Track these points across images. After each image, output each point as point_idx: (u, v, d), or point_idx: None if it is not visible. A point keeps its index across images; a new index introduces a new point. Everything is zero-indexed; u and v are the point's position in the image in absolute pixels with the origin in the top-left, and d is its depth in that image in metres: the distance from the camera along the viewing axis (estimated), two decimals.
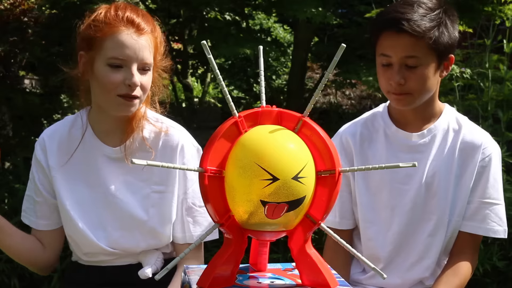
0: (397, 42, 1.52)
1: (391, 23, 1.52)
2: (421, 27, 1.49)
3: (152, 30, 1.50)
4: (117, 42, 1.45)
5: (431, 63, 1.54)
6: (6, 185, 3.13)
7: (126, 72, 1.44)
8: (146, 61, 1.46)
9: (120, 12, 1.47)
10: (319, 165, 1.05)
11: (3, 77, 3.71)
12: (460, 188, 1.61)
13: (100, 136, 1.56)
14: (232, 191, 1.01)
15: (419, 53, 1.51)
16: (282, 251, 2.76)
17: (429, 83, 1.55)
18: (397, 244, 1.64)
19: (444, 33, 1.53)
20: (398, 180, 1.62)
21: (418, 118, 1.63)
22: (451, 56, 1.59)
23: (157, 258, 1.56)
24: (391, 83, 1.54)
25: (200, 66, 5.65)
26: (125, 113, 1.50)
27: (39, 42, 3.64)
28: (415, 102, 1.57)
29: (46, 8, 3.74)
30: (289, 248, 1.08)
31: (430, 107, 1.63)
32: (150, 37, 1.48)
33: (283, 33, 7.07)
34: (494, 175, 1.62)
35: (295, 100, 4.36)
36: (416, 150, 1.62)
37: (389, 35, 1.53)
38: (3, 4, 3.53)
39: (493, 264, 2.77)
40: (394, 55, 1.53)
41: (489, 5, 3.92)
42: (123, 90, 1.45)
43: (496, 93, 4.00)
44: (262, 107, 1.07)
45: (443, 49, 1.54)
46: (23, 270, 2.81)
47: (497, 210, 1.62)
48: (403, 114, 1.64)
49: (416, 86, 1.54)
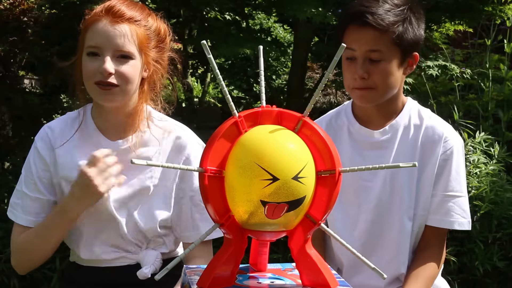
0: (361, 36, 1.54)
1: (355, 17, 1.54)
2: (385, 21, 1.51)
3: (138, 20, 1.49)
4: (93, 31, 1.47)
5: (395, 58, 1.55)
6: (6, 185, 3.12)
7: (101, 60, 1.45)
8: (122, 49, 1.46)
9: (106, 4, 1.48)
10: (319, 165, 1.04)
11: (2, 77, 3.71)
12: (422, 182, 1.61)
13: (102, 132, 1.56)
14: (232, 191, 1.01)
15: (382, 47, 1.53)
16: (282, 251, 2.76)
17: (392, 79, 1.56)
18: (366, 241, 1.63)
19: (408, 29, 1.55)
20: (363, 177, 1.62)
21: (381, 115, 1.64)
22: (416, 54, 1.60)
23: (155, 258, 1.55)
24: (355, 77, 1.55)
25: (200, 66, 5.65)
26: (106, 103, 1.49)
27: (38, 42, 3.64)
28: (378, 98, 1.58)
29: (46, 8, 3.74)
30: (289, 248, 1.08)
31: (392, 104, 1.64)
32: (131, 26, 1.47)
33: (283, 33, 7.07)
34: (456, 168, 1.62)
35: (295, 100, 4.36)
36: (379, 147, 1.63)
37: (354, 28, 1.55)
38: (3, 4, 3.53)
39: (493, 264, 2.77)
40: (358, 48, 1.54)
41: (489, 5, 3.92)
42: (98, 78, 1.46)
43: (497, 93, 4.00)
44: (262, 107, 1.07)
45: (406, 45, 1.55)
46: None
47: (461, 202, 1.62)
48: (365, 111, 1.65)
49: (379, 81, 1.55)
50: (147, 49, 1.51)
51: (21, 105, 3.79)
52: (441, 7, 3.82)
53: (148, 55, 1.52)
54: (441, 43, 4.54)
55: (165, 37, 1.57)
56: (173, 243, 1.62)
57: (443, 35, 4.49)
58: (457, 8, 3.86)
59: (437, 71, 3.84)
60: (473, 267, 2.77)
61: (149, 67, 1.53)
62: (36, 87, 4.47)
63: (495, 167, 3.04)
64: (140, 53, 1.50)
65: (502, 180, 3.02)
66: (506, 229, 2.84)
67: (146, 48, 1.51)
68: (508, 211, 2.83)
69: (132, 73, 1.48)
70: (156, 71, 1.56)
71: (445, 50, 4.48)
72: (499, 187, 2.92)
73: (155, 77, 1.57)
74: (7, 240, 2.81)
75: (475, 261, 2.76)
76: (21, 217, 1.57)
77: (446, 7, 3.83)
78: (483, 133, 3.27)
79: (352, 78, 1.56)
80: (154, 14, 1.56)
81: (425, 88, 3.90)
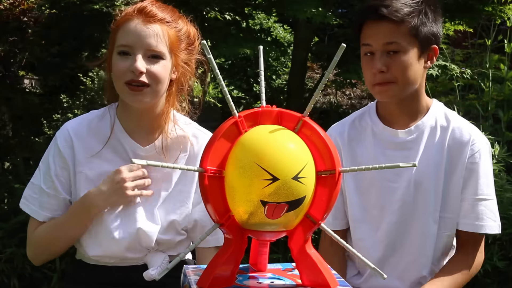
0: (377, 30, 1.55)
1: (371, 11, 1.55)
2: (400, 12, 1.52)
3: (170, 21, 1.49)
4: (125, 30, 1.47)
5: (413, 50, 1.55)
6: (6, 185, 3.13)
7: (132, 59, 1.45)
8: (153, 48, 1.46)
9: (138, 5, 1.49)
10: (319, 165, 1.04)
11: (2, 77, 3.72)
12: (450, 185, 1.61)
13: (128, 133, 1.56)
14: (232, 191, 1.01)
15: (399, 39, 1.53)
16: (282, 251, 2.76)
17: (412, 71, 1.56)
18: (389, 243, 1.63)
19: (424, 21, 1.55)
20: (387, 178, 1.62)
21: (404, 114, 1.63)
22: (435, 47, 1.60)
23: (163, 260, 1.55)
24: (374, 72, 1.55)
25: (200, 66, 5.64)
26: (135, 103, 1.49)
27: (38, 42, 3.64)
28: (399, 92, 1.57)
29: (46, 8, 3.74)
30: (289, 248, 1.08)
31: (415, 102, 1.63)
32: (163, 27, 1.48)
33: (283, 33, 7.06)
34: (485, 170, 1.62)
35: (295, 100, 4.36)
36: (404, 147, 1.62)
37: (370, 24, 1.56)
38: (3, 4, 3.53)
39: (494, 264, 2.77)
40: (375, 43, 1.55)
41: (489, 5, 3.92)
42: (128, 77, 1.46)
43: (497, 93, 4.00)
44: (262, 107, 1.07)
45: (424, 37, 1.56)
46: (23, 270, 2.81)
47: (491, 205, 1.63)
48: (389, 110, 1.65)
49: (399, 73, 1.54)
50: (177, 51, 1.51)
51: (21, 105, 3.80)
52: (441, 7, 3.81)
53: (178, 56, 1.52)
54: (441, 43, 4.54)
55: (194, 40, 1.58)
56: (185, 247, 1.62)
57: (443, 35, 4.48)
58: (457, 8, 3.86)
59: (437, 71, 3.84)
60: None
61: (178, 69, 1.53)
62: (36, 87, 4.48)
63: (495, 167, 3.04)
64: (171, 54, 1.50)
65: (502, 180, 3.02)
66: (506, 229, 2.84)
67: (176, 50, 1.51)
68: (508, 211, 2.83)
69: (163, 73, 1.48)
70: (184, 73, 1.56)
71: (445, 50, 4.48)
72: (499, 187, 2.92)
73: (183, 80, 1.56)
74: (7, 240, 2.82)
75: None
76: (38, 213, 1.57)
77: (446, 7, 3.83)
78: (483, 133, 3.27)
79: (372, 74, 1.56)
80: (184, 17, 1.57)
81: (425, 88, 3.90)
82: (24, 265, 2.78)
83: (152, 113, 1.54)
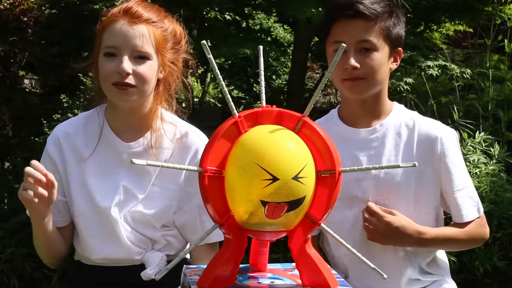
0: (351, 27, 1.56)
1: (345, 8, 1.56)
2: (375, 10, 1.55)
3: (155, 21, 1.49)
4: (111, 31, 1.48)
5: (384, 50, 1.58)
6: (6, 185, 3.12)
7: (118, 60, 1.45)
8: (140, 49, 1.46)
9: (123, 6, 1.48)
10: (319, 165, 1.04)
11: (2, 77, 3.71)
12: (422, 184, 1.60)
13: (116, 133, 1.56)
14: (232, 191, 1.01)
15: (373, 38, 1.55)
16: (282, 251, 2.76)
17: (382, 70, 1.58)
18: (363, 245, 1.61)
19: (395, 23, 1.59)
20: (355, 177, 1.60)
21: (368, 115, 1.64)
22: (400, 49, 1.64)
23: (160, 259, 1.55)
24: (346, 68, 1.56)
25: (200, 66, 5.64)
26: (122, 103, 1.49)
27: (38, 42, 3.64)
28: (368, 88, 1.59)
29: (46, 8, 3.74)
30: (289, 248, 1.08)
31: (379, 102, 1.64)
32: (149, 27, 1.48)
33: (283, 33, 7.06)
34: (457, 163, 1.63)
35: (295, 100, 4.36)
36: (369, 147, 1.62)
37: (343, 21, 1.57)
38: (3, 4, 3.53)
39: (494, 264, 2.77)
40: (349, 40, 1.55)
41: (489, 5, 3.92)
42: (115, 78, 1.46)
43: (497, 93, 4.00)
44: (262, 107, 1.07)
45: (394, 38, 1.59)
46: (23, 270, 2.81)
47: (468, 193, 1.63)
48: (353, 111, 1.65)
49: (370, 71, 1.56)
50: (163, 50, 1.51)
51: (21, 105, 3.79)
52: (441, 7, 3.82)
53: (165, 56, 1.52)
54: (441, 43, 4.54)
55: (181, 39, 1.58)
56: (180, 244, 1.62)
57: (443, 35, 4.48)
58: (457, 8, 3.86)
59: (437, 71, 3.83)
60: (473, 267, 2.77)
61: (165, 68, 1.54)
62: (36, 87, 4.48)
63: (495, 167, 3.04)
64: (157, 54, 1.50)
65: (502, 180, 3.02)
66: (506, 229, 2.84)
67: (163, 49, 1.51)
68: (508, 211, 2.83)
69: (149, 74, 1.48)
70: (171, 73, 1.56)
71: (445, 50, 4.48)
72: (499, 187, 2.92)
73: (171, 79, 1.57)
74: (7, 240, 2.82)
75: (475, 261, 2.76)
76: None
77: (446, 7, 3.83)
78: (483, 133, 3.27)
79: (342, 70, 1.57)
80: (170, 16, 1.57)
81: (425, 88, 3.90)
82: (24, 265, 2.78)
83: (139, 112, 1.54)
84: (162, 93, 1.56)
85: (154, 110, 1.55)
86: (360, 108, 1.64)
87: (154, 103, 1.55)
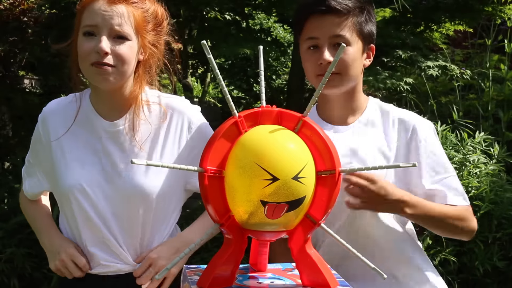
0: (324, 23, 1.56)
1: (317, 4, 1.57)
2: (347, 5, 1.56)
3: (135, 2, 1.48)
4: (90, 11, 1.46)
5: (357, 44, 1.58)
6: (6, 185, 3.13)
7: (97, 40, 1.45)
8: (118, 29, 1.45)
9: None
10: (319, 165, 1.04)
11: (2, 77, 3.72)
12: (401, 175, 1.59)
13: (100, 114, 1.56)
14: (232, 191, 1.01)
15: (346, 33, 1.56)
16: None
17: (356, 65, 1.59)
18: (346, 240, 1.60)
19: (367, 19, 1.60)
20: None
21: (344, 111, 1.64)
22: (373, 46, 1.64)
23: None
24: (321, 63, 1.56)
25: (200, 66, 5.65)
26: (101, 83, 1.48)
27: (38, 42, 3.64)
28: (342, 84, 1.59)
29: (46, 8, 3.74)
30: (289, 248, 1.08)
31: (354, 98, 1.65)
32: (129, 7, 1.46)
33: (283, 33, 7.07)
34: (433, 151, 1.61)
35: (295, 100, 4.36)
36: (346, 143, 1.61)
37: (316, 17, 1.57)
38: (3, 4, 3.53)
39: (493, 264, 2.77)
40: (322, 36, 1.56)
41: (489, 5, 3.92)
42: (93, 58, 1.45)
43: (497, 93, 4.00)
44: (262, 107, 1.07)
45: (366, 34, 1.59)
46: (23, 270, 2.81)
47: (449, 182, 1.61)
48: (329, 109, 1.65)
49: (344, 65, 1.56)
50: (144, 32, 1.50)
51: (21, 105, 3.80)
52: (441, 7, 3.82)
53: (145, 37, 1.50)
54: (441, 43, 4.54)
55: (162, 20, 1.56)
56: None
57: (443, 35, 4.49)
58: (457, 8, 3.86)
59: (437, 71, 3.84)
60: (473, 267, 2.78)
61: (145, 50, 1.52)
62: (36, 87, 4.48)
63: (495, 167, 3.04)
64: (137, 35, 1.48)
65: (502, 180, 3.02)
66: (506, 229, 2.84)
67: (143, 31, 1.49)
68: (508, 211, 2.84)
69: (128, 54, 1.47)
70: (152, 55, 1.54)
71: (445, 50, 4.48)
72: (499, 187, 2.92)
73: (151, 61, 1.54)
74: (7, 240, 2.82)
75: (475, 261, 2.76)
76: (25, 189, 1.66)
77: (446, 7, 3.83)
78: (483, 133, 3.27)
79: (317, 65, 1.57)
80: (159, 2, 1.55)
81: (425, 88, 3.90)
82: (24, 265, 2.78)
83: (120, 94, 1.52)
84: (143, 76, 1.53)
85: (137, 93, 1.53)
86: (336, 104, 1.64)
87: (136, 85, 1.52)
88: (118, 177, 1.50)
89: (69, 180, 1.51)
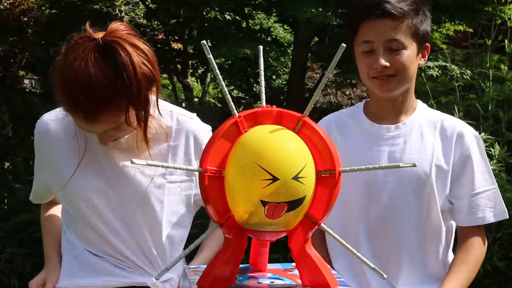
0: (379, 26, 1.56)
1: (372, 8, 1.57)
2: (402, 8, 1.55)
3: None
4: None
5: (412, 47, 1.59)
6: (6, 185, 3.13)
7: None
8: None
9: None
10: (319, 165, 1.04)
11: (2, 77, 3.72)
12: (443, 179, 1.60)
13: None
14: (232, 191, 1.01)
15: (401, 36, 1.56)
16: (282, 251, 2.76)
17: (412, 68, 1.59)
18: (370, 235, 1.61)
19: (422, 20, 1.59)
20: (375, 173, 1.58)
21: (395, 111, 1.65)
22: (428, 45, 1.64)
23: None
24: (376, 67, 1.57)
25: (200, 66, 5.65)
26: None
27: (38, 42, 3.64)
28: (398, 86, 1.59)
29: (46, 8, 3.74)
30: (289, 248, 1.08)
31: (407, 99, 1.65)
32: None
33: (283, 33, 7.07)
34: (479, 164, 1.63)
35: (295, 100, 4.36)
36: (392, 143, 1.62)
37: (370, 21, 1.58)
38: (3, 4, 3.53)
39: (494, 264, 2.77)
40: (377, 39, 1.56)
41: (489, 5, 3.92)
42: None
43: (497, 93, 4.00)
44: (262, 107, 1.07)
45: (421, 35, 1.59)
46: (23, 270, 2.81)
47: (488, 196, 1.64)
48: (381, 107, 1.66)
49: (401, 68, 1.57)
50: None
51: (21, 105, 3.80)
52: (441, 7, 3.82)
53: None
54: (441, 43, 4.54)
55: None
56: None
57: (443, 35, 4.49)
58: (457, 8, 3.86)
59: (437, 71, 3.84)
60: None
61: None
62: (36, 87, 4.48)
63: (495, 167, 3.04)
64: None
65: (502, 180, 3.02)
66: (506, 229, 2.84)
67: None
68: (508, 211, 2.83)
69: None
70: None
71: (445, 50, 4.48)
72: (499, 187, 2.92)
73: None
74: (7, 240, 2.82)
75: None
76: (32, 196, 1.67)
77: (446, 7, 3.83)
78: (483, 133, 3.27)
79: (372, 68, 1.58)
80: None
81: (425, 88, 3.90)
82: (24, 265, 2.78)
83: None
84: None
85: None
86: (388, 104, 1.64)
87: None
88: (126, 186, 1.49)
89: (74, 187, 1.50)
